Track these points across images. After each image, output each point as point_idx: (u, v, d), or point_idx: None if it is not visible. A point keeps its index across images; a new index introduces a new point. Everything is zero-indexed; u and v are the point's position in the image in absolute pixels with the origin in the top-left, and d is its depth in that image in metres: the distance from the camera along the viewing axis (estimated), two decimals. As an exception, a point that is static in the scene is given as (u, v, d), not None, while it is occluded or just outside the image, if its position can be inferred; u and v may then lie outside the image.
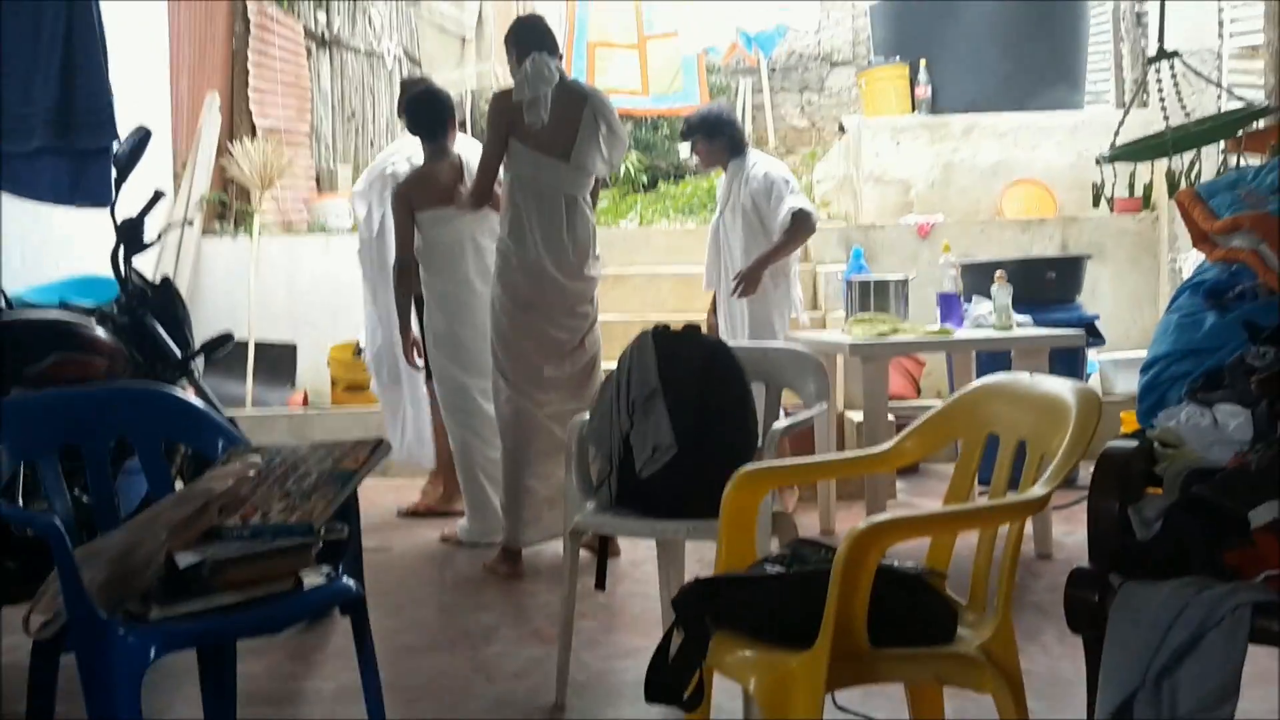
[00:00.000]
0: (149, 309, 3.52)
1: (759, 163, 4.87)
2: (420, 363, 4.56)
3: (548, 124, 3.92)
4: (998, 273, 4.36)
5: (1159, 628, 1.75)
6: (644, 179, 10.69)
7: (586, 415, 2.96)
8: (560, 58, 4.15)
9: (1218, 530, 1.87)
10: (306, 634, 3.33)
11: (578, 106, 3.99)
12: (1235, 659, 1.68)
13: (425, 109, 4.49)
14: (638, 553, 4.21)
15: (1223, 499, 1.90)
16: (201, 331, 3.89)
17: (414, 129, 4.54)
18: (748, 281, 4.66)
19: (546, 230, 3.99)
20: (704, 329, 3.27)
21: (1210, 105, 5.81)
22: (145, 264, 4.90)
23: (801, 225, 4.66)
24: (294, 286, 6.73)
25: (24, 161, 3.49)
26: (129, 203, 3.56)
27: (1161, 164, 4.66)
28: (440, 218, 4.42)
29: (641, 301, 6.94)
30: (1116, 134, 4.78)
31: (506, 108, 3.96)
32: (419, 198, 4.41)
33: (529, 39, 4.06)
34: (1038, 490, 1.86)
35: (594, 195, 4.22)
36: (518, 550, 4.09)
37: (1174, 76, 4.58)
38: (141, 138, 3.57)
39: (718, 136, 4.85)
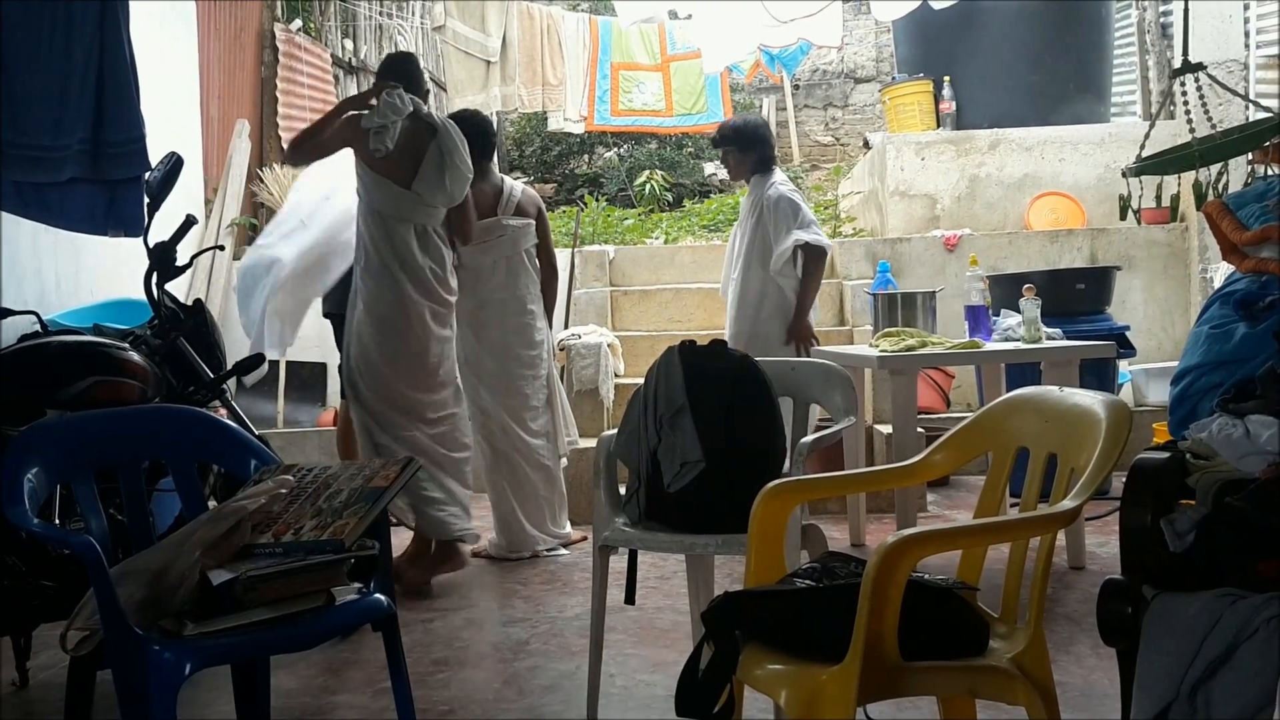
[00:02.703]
0: (181, 332, 3.57)
1: (777, 184, 4.92)
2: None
3: (394, 154, 4.07)
4: (1026, 285, 4.34)
5: (1193, 639, 1.74)
6: (669, 197, 10.73)
7: (614, 431, 2.98)
8: (426, 93, 4.35)
9: (1251, 541, 1.85)
10: (339, 649, 3.35)
11: (425, 139, 4.14)
12: (1270, 670, 1.66)
13: (467, 132, 4.57)
14: (667, 567, 4.21)
15: (1256, 510, 1.88)
16: (234, 353, 3.94)
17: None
18: (802, 336, 4.82)
19: (398, 255, 4.11)
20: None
21: (1238, 115, 5.78)
22: (178, 288, 4.96)
23: (815, 259, 4.80)
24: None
25: (57, 191, 3.54)
26: (162, 228, 3.61)
27: (1189, 175, 4.63)
28: (481, 238, 4.53)
29: (668, 317, 6.98)
30: (1143, 146, 4.75)
31: (358, 133, 4.09)
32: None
33: (390, 72, 4.27)
34: (1068, 503, 1.85)
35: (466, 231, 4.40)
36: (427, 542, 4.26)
37: (1199, 88, 4.56)
38: (173, 165, 3.62)
39: (750, 150, 4.94)
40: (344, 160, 4.31)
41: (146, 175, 3.51)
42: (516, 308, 4.65)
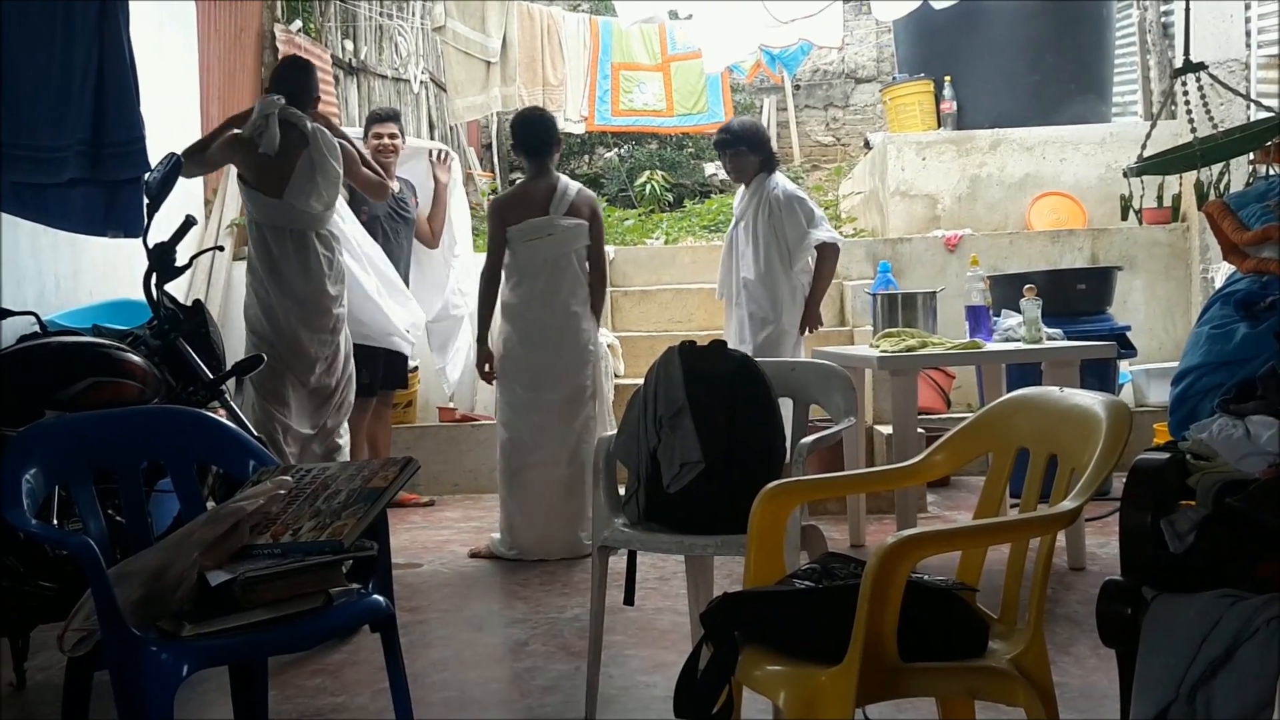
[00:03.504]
0: (181, 332, 3.57)
1: (780, 184, 4.98)
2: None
3: (266, 164, 4.31)
4: (1027, 285, 4.33)
5: (1193, 640, 1.73)
6: (669, 197, 10.72)
7: (614, 432, 2.97)
8: (315, 100, 4.54)
9: (1251, 542, 1.85)
10: (337, 650, 3.35)
11: (298, 149, 4.33)
12: (1270, 671, 1.66)
13: (530, 129, 4.73)
14: (666, 567, 4.21)
15: (1256, 511, 1.87)
16: (232, 354, 3.94)
17: (519, 148, 4.81)
18: (812, 322, 4.99)
19: (277, 262, 4.37)
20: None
21: (1239, 115, 5.77)
22: (177, 288, 4.96)
23: (831, 257, 4.99)
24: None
25: (56, 192, 3.53)
26: (161, 229, 3.61)
27: (1191, 175, 4.63)
28: (531, 235, 4.60)
29: (668, 318, 6.97)
30: (1144, 146, 4.75)
31: (235, 149, 4.37)
32: (513, 214, 4.62)
33: (277, 83, 4.50)
34: (1068, 504, 1.84)
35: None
36: None
37: (1200, 88, 4.55)
38: (173, 165, 3.62)
39: (758, 151, 5.01)
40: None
41: (146, 176, 3.50)
42: (560, 308, 4.66)
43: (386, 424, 5.76)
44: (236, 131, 4.36)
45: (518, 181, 4.77)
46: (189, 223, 3.71)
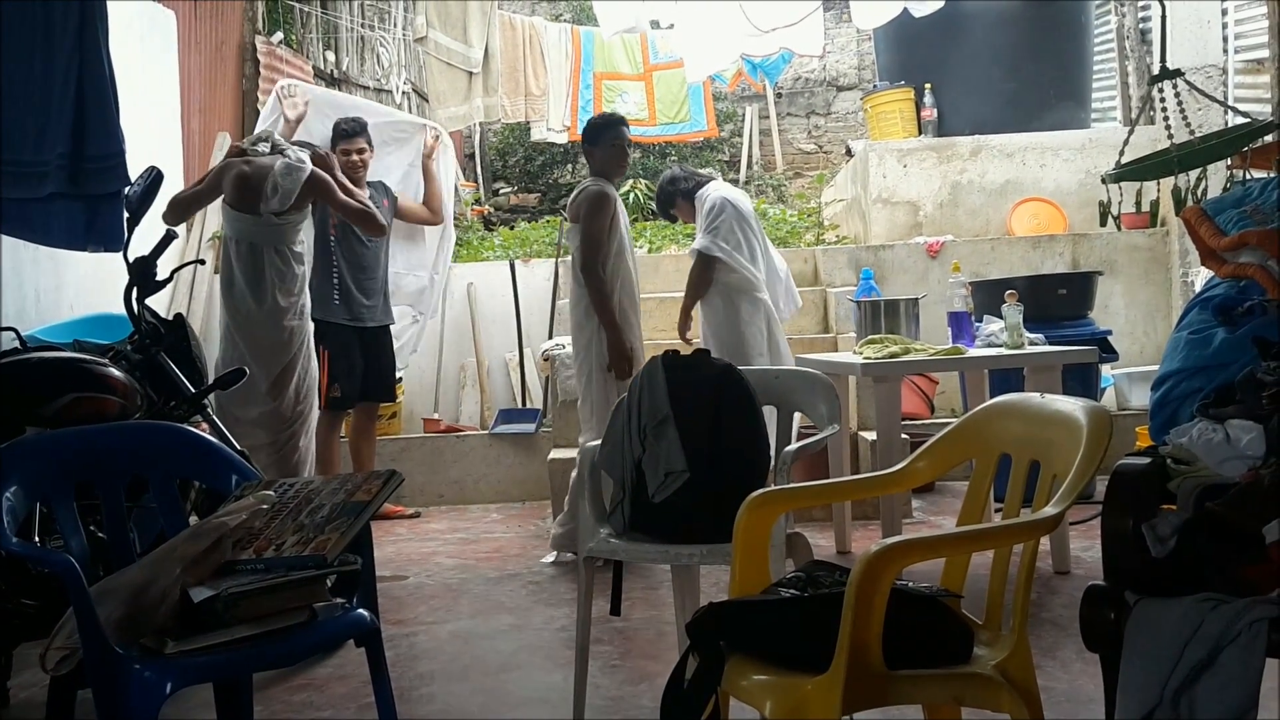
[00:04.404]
0: (162, 347, 3.55)
1: (712, 191, 5.05)
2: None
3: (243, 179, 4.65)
4: (1008, 291, 4.35)
5: (1176, 644, 1.74)
6: (653, 206, 10.72)
7: (598, 442, 2.97)
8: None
9: (1232, 546, 1.86)
10: (322, 664, 3.33)
11: (270, 167, 4.64)
12: (1253, 674, 1.67)
13: (602, 131, 4.80)
14: (653, 577, 4.21)
15: (1236, 515, 1.89)
16: (215, 368, 3.92)
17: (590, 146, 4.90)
18: (681, 329, 5.15)
19: (244, 275, 4.67)
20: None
21: (1217, 120, 5.81)
22: (158, 302, 4.95)
23: (697, 266, 4.98)
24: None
25: (37, 207, 3.51)
26: (142, 243, 3.59)
27: (1169, 180, 4.66)
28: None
29: (652, 326, 6.95)
30: (1122, 152, 4.77)
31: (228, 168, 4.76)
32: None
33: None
34: (1050, 510, 1.85)
35: None
36: None
37: (1178, 94, 4.58)
38: (153, 179, 3.61)
39: (673, 202, 5.17)
40: None
41: (127, 190, 3.49)
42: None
43: (370, 437, 5.74)
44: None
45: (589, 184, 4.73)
46: (170, 237, 3.69)
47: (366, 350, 5.53)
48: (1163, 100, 4.72)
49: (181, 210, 4.89)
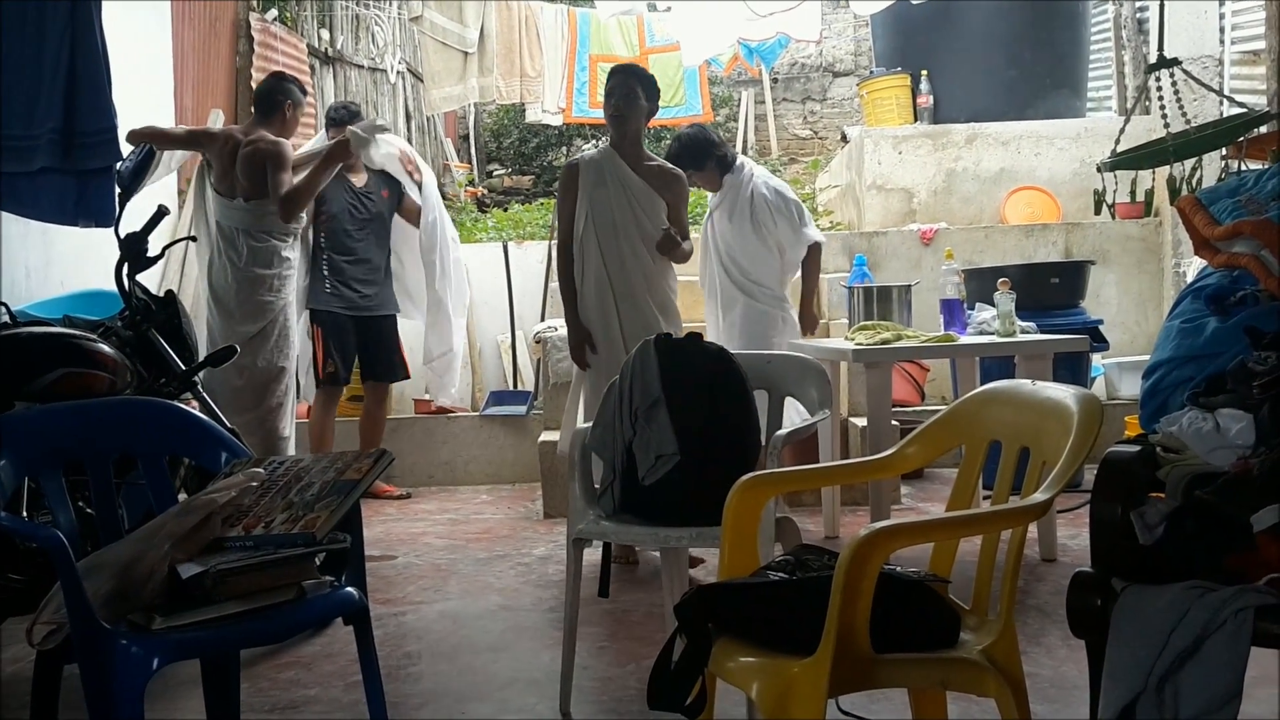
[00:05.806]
0: (153, 323, 3.54)
1: (755, 173, 4.91)
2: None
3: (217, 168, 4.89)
4: (1001, 279, 4.35)
5: (1162, 632, 1.75)
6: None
7: (590, 424, 2.97)
8: (284, 109, 5.02)
9: (1220, 534, 1.87)
10: (310, 642, 3.33)
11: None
12: (1238, 662, 1.68)
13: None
14: (642, 559, 4.21)
15: (1225, 503, 1.89)
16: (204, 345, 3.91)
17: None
18: (810, 324, 5.06)
19: (220, 258, 4.87)
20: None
21: (1213, 111, 5.81)
22: (150, 279, 4.93)
23: (817, 256, 5.03)
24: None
25: (27, 181, 3.49)
26: (134, 218, 3.57)
27: (1163, 170, 4.66)
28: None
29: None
30: (1118, 141, 4.78)
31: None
32: None
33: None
34: (1039, 496, 1.85)
35: None
36: None
37: (1174, 84, 4.58)
38: (145, 155, 3.60)
39: (706, 162, 4.81)
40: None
41: (118, 165, 3.47)
42: None
43: (377, 419, 5.71)
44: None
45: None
46: (161, 213, 3.67)
47: (364, 333, 5.51)
48: (1159, 89, 4.72)
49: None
